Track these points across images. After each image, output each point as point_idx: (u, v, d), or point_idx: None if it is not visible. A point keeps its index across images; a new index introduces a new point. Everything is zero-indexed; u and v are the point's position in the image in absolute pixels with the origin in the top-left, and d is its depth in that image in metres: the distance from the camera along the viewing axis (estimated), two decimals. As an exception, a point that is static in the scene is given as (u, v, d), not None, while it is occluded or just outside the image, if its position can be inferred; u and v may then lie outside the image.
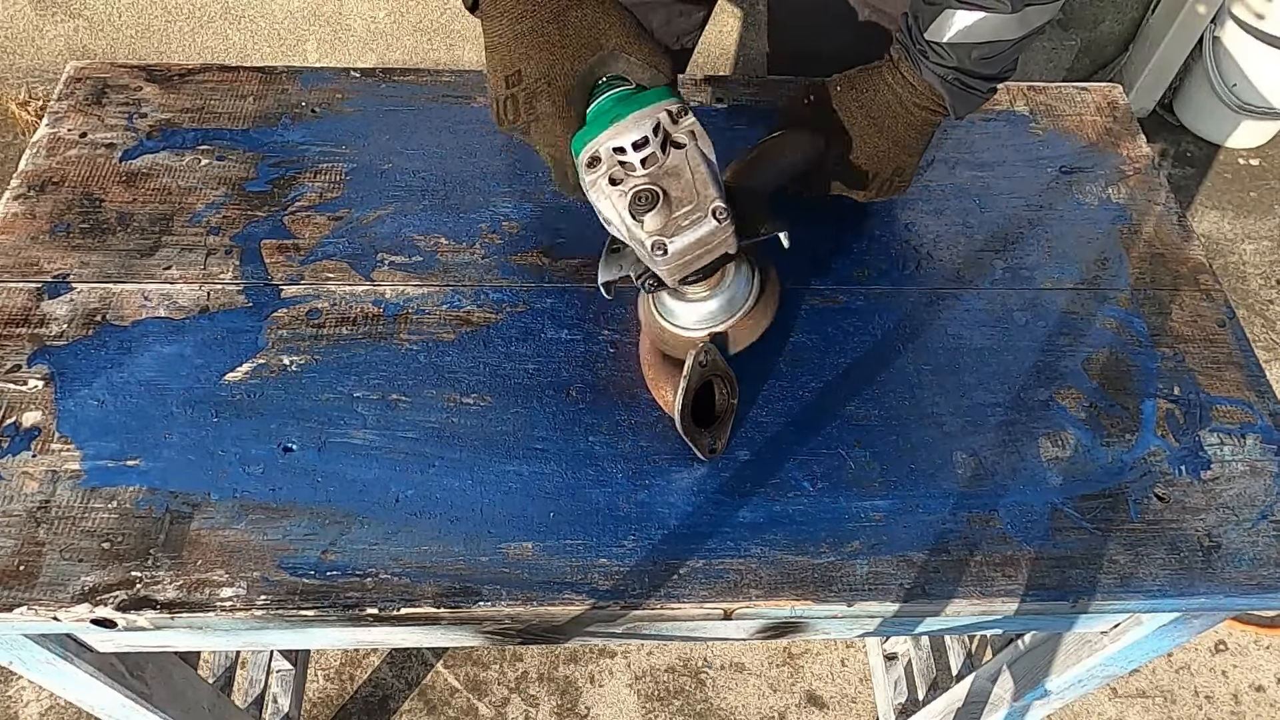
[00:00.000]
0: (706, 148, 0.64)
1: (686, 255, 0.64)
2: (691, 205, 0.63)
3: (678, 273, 0.65)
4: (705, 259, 0.65)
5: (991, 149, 0.96)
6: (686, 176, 0.63)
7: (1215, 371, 0.82)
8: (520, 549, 0.69)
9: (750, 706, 1.56)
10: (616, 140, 0.63)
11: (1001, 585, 0.69)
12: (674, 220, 0.63)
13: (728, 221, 0.63)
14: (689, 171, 0.63)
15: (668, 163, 0.63)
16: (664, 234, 0.63)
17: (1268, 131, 2.40)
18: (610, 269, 0.69)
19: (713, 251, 0.64)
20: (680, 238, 0.63)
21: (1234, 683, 1.64)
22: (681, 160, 0.63)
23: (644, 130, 0.63)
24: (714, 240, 0.63)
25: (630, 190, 0.63)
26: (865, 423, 0.77)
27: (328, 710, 1.51)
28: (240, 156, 0.89)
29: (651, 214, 0.62)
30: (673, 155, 0.64)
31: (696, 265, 0.65)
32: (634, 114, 0.63)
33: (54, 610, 0.64)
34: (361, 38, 2.13)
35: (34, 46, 2.11)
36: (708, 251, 0.64)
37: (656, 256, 0.63)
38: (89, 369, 0.75)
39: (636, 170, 0.64)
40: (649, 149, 0.63)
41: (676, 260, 0.64)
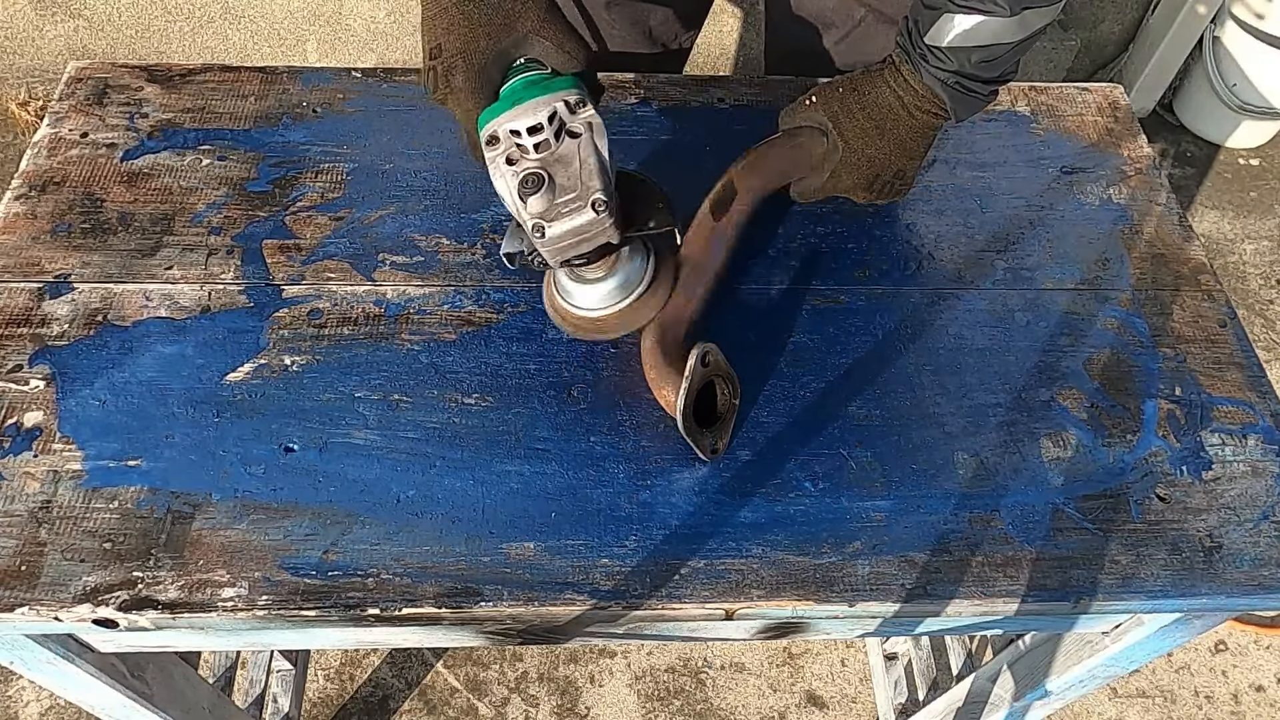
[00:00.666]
0: (601, 141, 0.67)
1: (564, 241, 0.66)
2: (574, 194, 0.66)
3: (556, 256, 0.68)
4: (584, 246, 0.67)
5: (993, 149, 0.96)
6: (574, 166, 0.66)
7: (1216, 372, 0.82)
8: (522, 549, 0.69)
9: (750, 706, 1.56)
10: (513, 123, 0.66)
11: (1003, 585, 0.69)
12: (555, 206, 0.66)
13: (605, 214, 0.65)
14: (577, 161, 0.66)
15: (559, 150, 0.67)
16: (544, 218, 0.66)
17: (1268, 131, 2.40)
18: (513, 242, 0.72)
19: (591, 240, 0.67)
20: (559, 223, 0.66)
21: (1234, 683, 1.64)
22: (573, 150, 0.66)
23: (539, 117, 0.65)
24: (591, 230, 0.66)
25: (521, 171, 0.66)
26: (867, 423, 0.77)
27: (328, 710, 1.51)
28: (241, 156, 0.89)
29: (535, 197, 0.65)
30: (565, 144, 0.67)
31: (575, 251, 0.68)
32: (533, 100, 0.66)
33: (55, 610, 0.64)
34: (361, 38, 2.13)
35: (34, 46, 2.11)
36: (585, 239, 0.67)
37: (535, 238, 0.66)
38: (90, 369, 0.75)
39: (530, 153, 0.67)
40: (543, 135, 0.66)
41: (554, 244, 0.67)
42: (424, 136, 0.92)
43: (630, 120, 0.95)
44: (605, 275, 0.72)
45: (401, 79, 0.96)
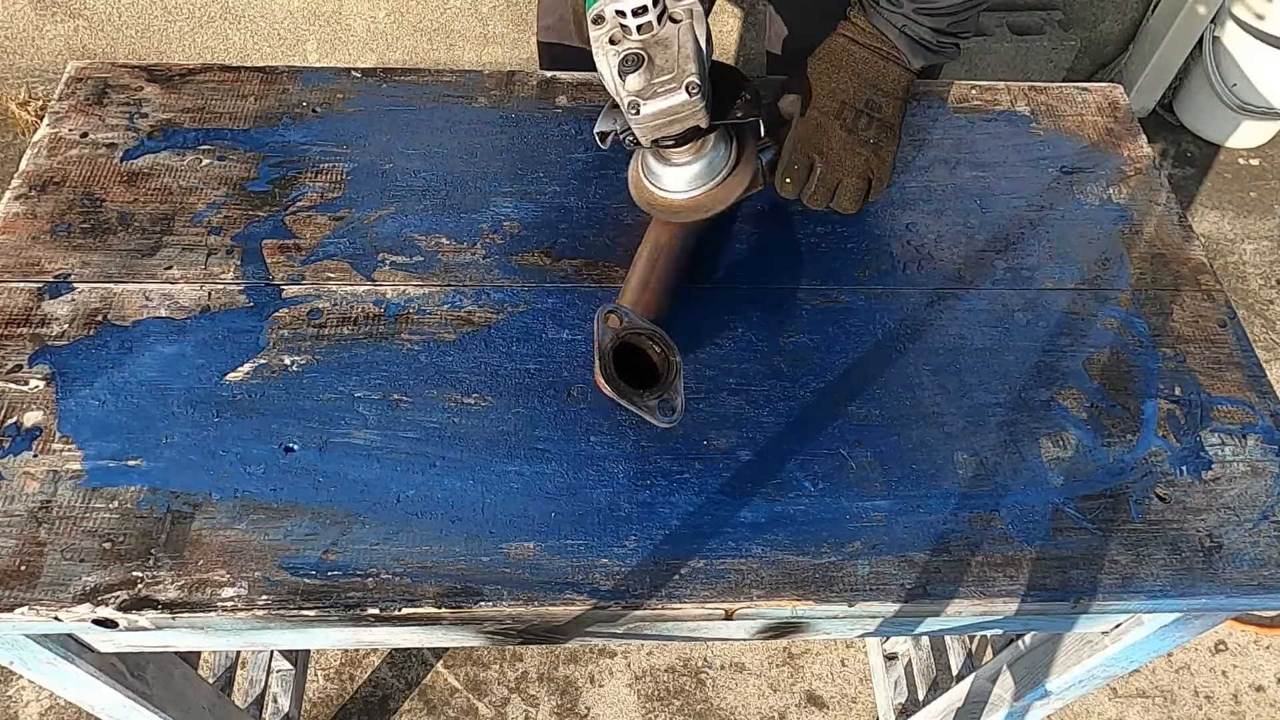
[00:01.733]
0: (700, 28, 0.69)
1: (657, 119, 0.69)
2: (670, 75, 0.68)
3: (649, 134, 0.71)
4: (675, 126, 0.70)
5: (992, 149, 0.96)
6: (673, 49, 0.69)
7: (1216, 372, 0.82)
8: (521, 549, 0.69)
9: (750, 706, 1.56)
10: (619, 4, 0.69)
11: (1003, 585, 0.69)
12: (652, 85, 0.69)
13: (697, 97, 0.68)
14: (676, 45, 0.69)
15: (660, 33, 0.69)
16: (640, 96, 0.69)
17: (1268, 131, 2.40)
18: (606, 121, 0.75)
19: (682, 121, 0.70)
20: (654, 102, 0.69)
21: (1234, 683, 1.64)
22: (673, 34, 0.69)
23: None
24: (683, 111, 0.69)
25: (623, 50, 0.69)
26: (866, 423, 0.77)
27: (328, 710, 1.51)
28: (241, 156, 0.89)
29: (634, 75, 0.68)
30: (667, 27, 0.69)
31: (668, 130, 0.71)
32: None
33: (55, 610, 0.64)
34: (361, 38, 2.13)
35: (34, 46, 2.11)
36: (677, 120, 0.70)
37: (630, 115, 0.69)
38: (90, 369, 0.75)
39: (632, 34, 0.69)
40: (646, 16, 0.69)
41: (648, 122, 0.70)
42: (424, 136, 0.92)
43: (630, 120, 0.95)
44: (692, 159, 0.76)
45: (401, 79, 0.96)
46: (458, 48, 2.17)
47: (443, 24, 2.12)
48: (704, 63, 0.69)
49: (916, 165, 0.94)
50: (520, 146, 0.92)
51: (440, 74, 0.97)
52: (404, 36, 2.13)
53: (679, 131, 0.71)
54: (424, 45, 2.15)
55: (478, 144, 0.92)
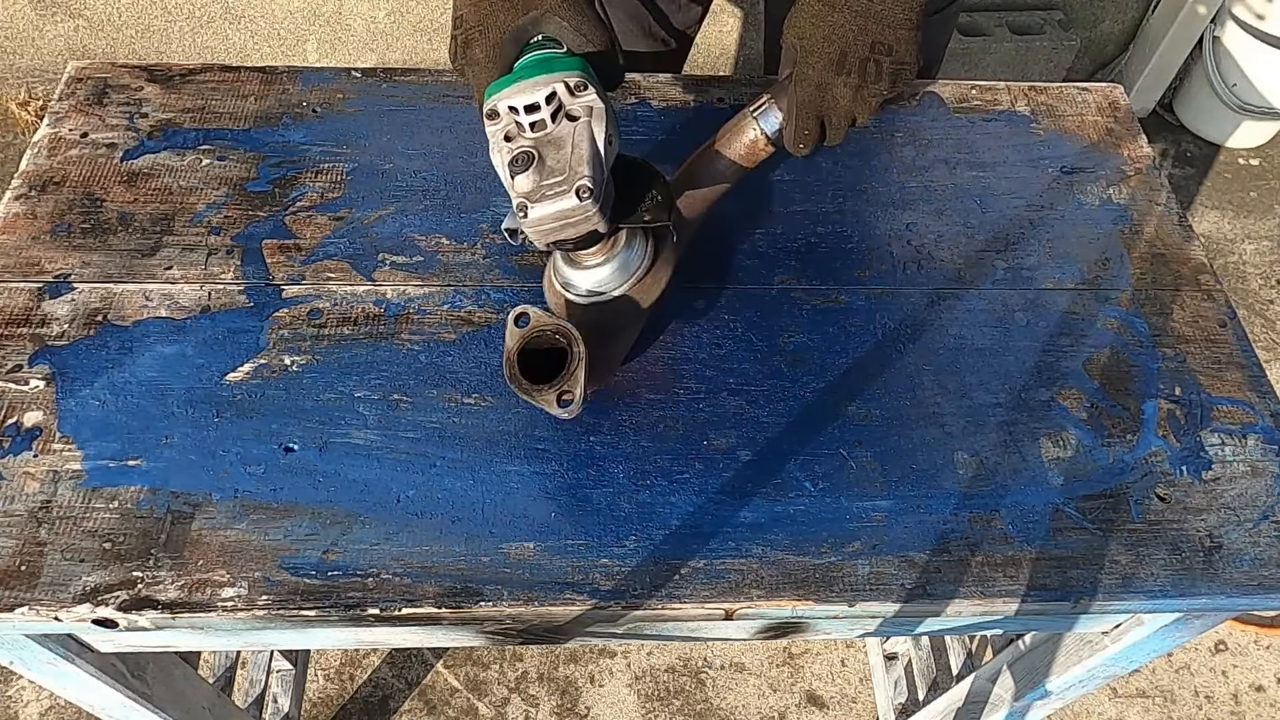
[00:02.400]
0: (599, 127, 0.66)
1: (545, 224, 0.66)
2: (561, 178, 0.65)
3: (540, 238, 0.68)
4: (568, 231, 0.67)
5: (992, 149, 0.96)
6: (566, 150, 0.65)
7: (1216, 372, 0.82)
8: (521, 549, 0.69)
9: (750, 706, 1.56)
10: (511, 100, 0.66)
11: (1003, 585, 0.69)
12: (541, 187, 0.65)
13: (589, 201, 0.64)
14: (570, 145, 0.65)
15: (554, 131, 0.66)
16: (529, 197, 0.65)
17: (1268, 131, 2.40)
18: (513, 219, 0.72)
19: (575, 226, 0.66)
20: (541, 206, 0.65)
21: (1234, 683, 1.64)
22: (568, 133, 0.66)
23: (536, 96, 0.65)
24: (574, 215, 0.65)
25: (515, 149, 0.66)
26: (866, 423, 0.77)
27: (328, 710, 1.51)
28: (241, 156, 0.89)
29: (524, 175, 0.65)
30: (562, 126, 0.66)
31: (560, 235, 0.67)
32: (534, 79, 0.66)
33: (55, 610, 0.64)
34: (361, 38, 2.13)
35: (34, 46, 2.11)
36: (569, 225, 0.66)
37: (519, 217, 0.66)
38: (90, 369, 0.75)
39: (526, 132, 0.67)
40: (539, 114, 0.66)
41: (535, 226, 0.66)
42: (424, 136, 0.92)
43: (630, 120, 0.95)
44: (603, 260, 0.72)
45: (401, 79, 0.96)
46: (458, 48, 2.17)
47: (443, 24, 2.12)
48: (600, 164, 0.66)
49: (916, 165, 0.94)
50: (520, 146, 0.92)
51: (440, 74, 0.97)
52: (404, 36, 2.13)
53: (573, 236, 0.67)
54: (424, 45, 2.15)
55: (478, 144, 0.92)
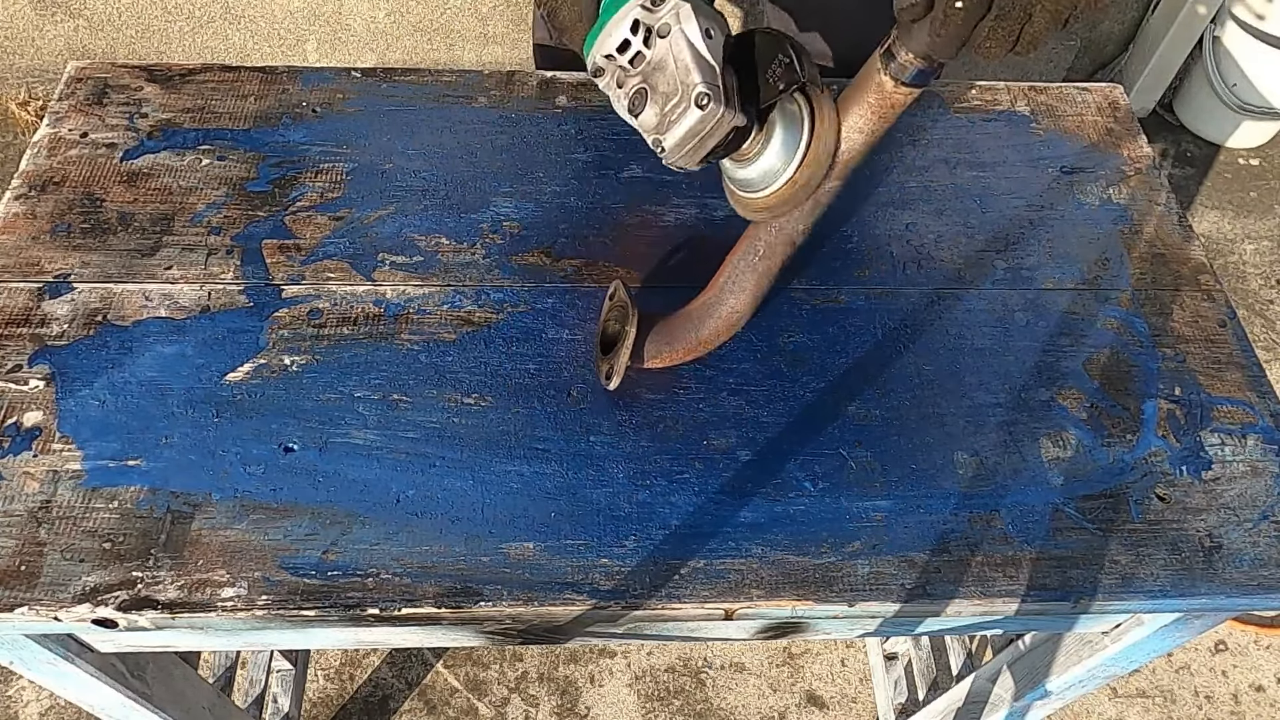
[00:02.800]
0: (690, 27, 0.62)
1: (684, 146, 0.63)
2: (678, 97, 0.61)
3: (686, 161, 0.64)
4: (709, 143, 0.63)
5: (992, 149, 0.96)
6: (670, 68, 0.62)
7: (1216, 372, 0.82)
8: (521, 549, 0.69)
9: (750, 706, 1.56)
10: (603, 49, 0.64)
11: (1003, 585, 0.69)
12: (665, 115, 0.62)
13: (712, 105, 0.61)
14: (672, 61, 0.62)
15: (653, 57, 0.63)
16: (659, 131, 0.63)
17: (1268, 131, 2.40)
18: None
19: (712, 135, 0.63)
20: (672, 131, 0.62)
21: (1234, 683, 1.64)
22: (666, 51, 0.62)
23: (622, 34, 0.63)
24: (705, 126, 0.62)
25: (629, 92, 0.64)
26: (866, 423, 0.77)
27: (328, 710, 1.51)
28: (241, 156, 0.89)
29: (644, 113, 0.63)
30: (657, 47, 0.63)
31: (703, 151, 0.63)
32: (614, 16, 0.63)
33: (55, 610, 0.64)
34: (361, 38, 2.13)
35: (34, 46, 2.11)
36: (706, 136, 0.62)
37: (659, 153, 0.63)
38: (90, 369, 0.75)
39: (630, 71, 0.64)
40: (632, 49, 0.63)
41: (677, 153, 0.63)
42: (424, 136, 0.92)
43: (630, 120, 0.95)
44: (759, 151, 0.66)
45: (401, 79, 0.96)
46: (458, 48, 2.17)
47: (443, 24, 2.12)
48: (708, 63, 0.62)
49: (916, 165, 0.94)
50: (520, 146, 0.92)
51: (440, 74, 0.97)
52: (404, 36, 2.13)
53: (720, 143, 0.63)
54: (424, 45, 2.15)
55: (478, 144, 0.92)
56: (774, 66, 0.64)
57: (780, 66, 0.64)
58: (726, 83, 0.62)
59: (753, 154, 0.67)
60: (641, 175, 0.91)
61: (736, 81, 0.64)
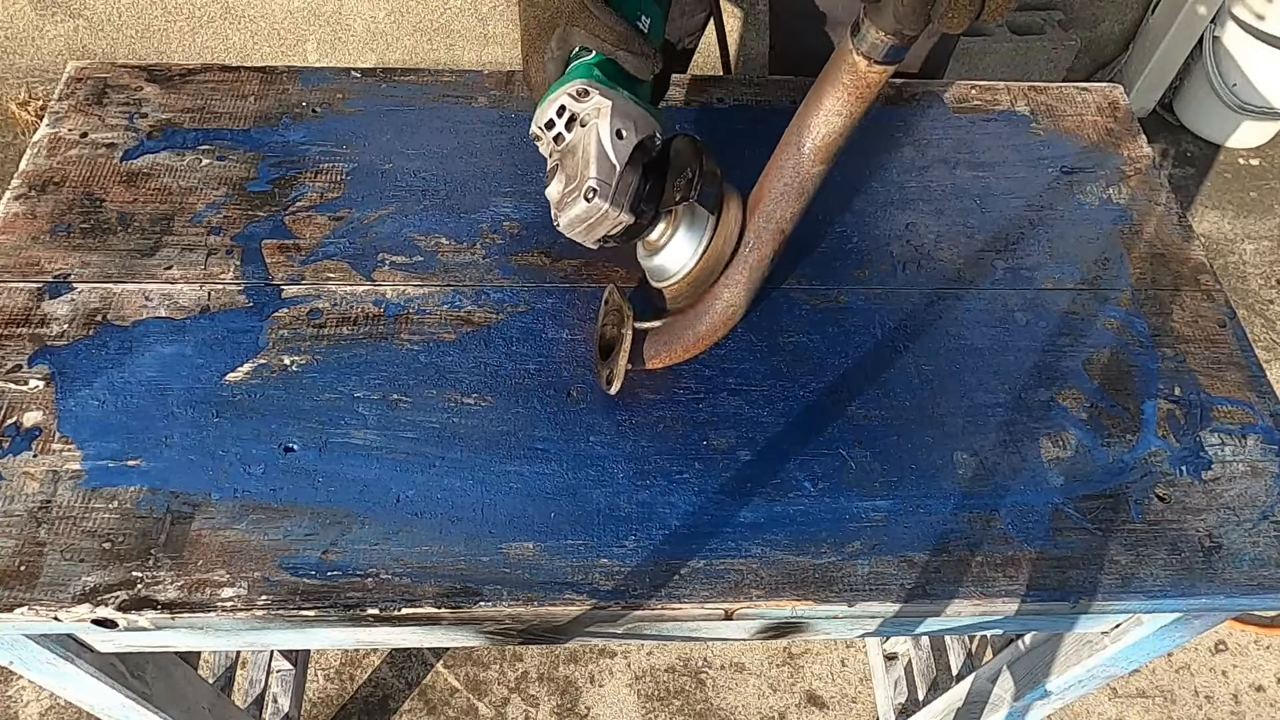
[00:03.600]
0: (604, 124, 0.67)
1: (574, 228, 0.69)
2: (575, 184, 0.67)
3: (581, 240, 0.70)
4: (597, 230, 0.69)
5: (992, 149, 0.96)
6: (578, 155, 0.68)
7: (1216, 372, 0.82)
8: (521, 549, 0.69)
9: (750, 706, 1.56)
10: (535, 123, 0.70)
11: (1002, 585, 0.69)
12: (564, 195, 0.68)
13: (597, 200, 0.66)
14: (580, 150, 0.68)
15: (569, 140, 0.69)
16: (558, 208, 0.69)
17: (1268, 131, 2.40)
18: None
19: (599, 225, 0.68)
20: (564, 213, 0.68)
21: (1234, 683, 1.64)
22: (579, 139, 0.68)
23: (549, 114, 0.69)
24: (591, 216, 0.67)
25: (548, 163, 0.71)
26: (866, 423, 0.77)
27: (328, 710, 1.51)
28: (241, 156, 0.89)
29: (551, 186, 0.69)
30: (575, 133, 0.68)
31: (594, 235, 0.69)
32: (548, 97, 0.69)
33: (55, 610, 0.64)
34: (361, 38, 2.13)
35: (34, 46, 2.11)
36: (594, 224, 0.68)
37: (557, 225, 0.69)
38: (90, 369, 0.75)
39: (553, 147, 0.70)
40: (555, 129, 0.69)
41: (567, 230, 0.69)
42: (424, 136, 0.92)
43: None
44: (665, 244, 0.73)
45: (401, 79, 0.96)
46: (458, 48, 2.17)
47: (443, 24, 2.12)
48: (608, 160, 0.67)
49: (916, 165, 0.94)
50: (520, 146, 0.92)
51: (440, 74, 0.97)
52: (404, 36, 2.13)
53: (609, 233, 0.69)
54: (424, 45, 2.15)
55: (478, 144, 0.92)
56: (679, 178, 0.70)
57: (683, 180, 0.70)
58: (624, 182, 0.68)
59: (660, 245, 0.73)
60: (641, 175, 0.91)
61: (641, 182, 0.69)
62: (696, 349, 0.76)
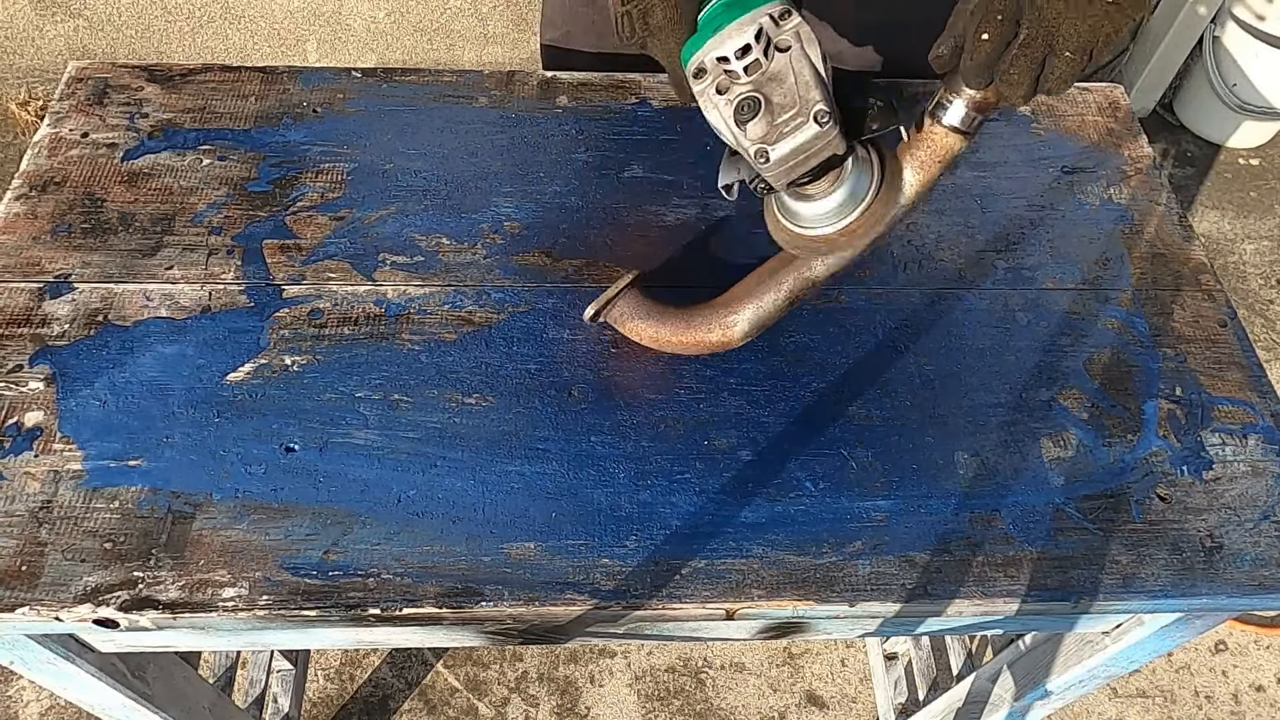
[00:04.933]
0: (813, 50, 0.63)
1: (790, 160, 0.63)
2: (794, 110, 0.62)
3: (784, 178, 0.65)
4: (811, 162, 0.64)
5: (993, 149, 0.96)
6: (789, 81, 0.62)
7: (1217, 372, 0.82)
8: (522, 549, 0.69)
9: (750, 706, 1.56)
10: (719, 50, 0.63)
11: (1003, 585, 0.69)
12: (776, 127, 0.62)
13: (829, 125, 0.62)
14: (792, 76, 0.62)
15: (771, 68, 0.63)
16: (766, 141, 0.62)
17: (1268, 131, 2.40)
18: (729, 172, 0.69)
19: (817, 155, 0.63)
20: (782, 144, 0.62)
21: (1234, 683, 1.64)
22: (785, 64, 0.62)
23: (746, 37, 0.62)
24: (816, 144, 0.62)
25: (735, 98, 0.63)
26: (867, 423, 0.77)
27: (328, 710, 1.51)
28: (242, 156, 0.89)
29: (754, 121, 0.62)
30: (776, 60, 0.62)
31: (803, 169, 0.64)
32: (736, 21, 0.62)
33: (56, 610, 0.64)
34: (361, 38, 2.13)
35: (34, 46, 2.11)
36: (812, 155, 0.63)
37: (760, 164, 0.63)
38: (91, 369, 0.75)
39: (741, 78, 0.63)
40: (752, 55, 0.62)
41: (781, 166, 0.63)
42: (424, 136, 0.92)
43: (630, 120, 0.95)
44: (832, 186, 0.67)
45: (401, 79, 0.96)
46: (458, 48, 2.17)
47: (443, 24, 2.12)
48: (828, 85, 0.62)
49: (917, 165, 0.94)
50: (521, 146, 0.92)
51: (440, 74, 0.97)
52: (404, 36, 2.13)
53: (814, 166, 0.64)
54: (424, 45, 2.15)
55: (478, 144, 0.92)
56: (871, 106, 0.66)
57: (875, 108, 0.65)
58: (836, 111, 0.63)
59: (819, 191, 0.68)
60: (642, 175, 0.91)
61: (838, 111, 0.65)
62: (667, 347, 0.76)
